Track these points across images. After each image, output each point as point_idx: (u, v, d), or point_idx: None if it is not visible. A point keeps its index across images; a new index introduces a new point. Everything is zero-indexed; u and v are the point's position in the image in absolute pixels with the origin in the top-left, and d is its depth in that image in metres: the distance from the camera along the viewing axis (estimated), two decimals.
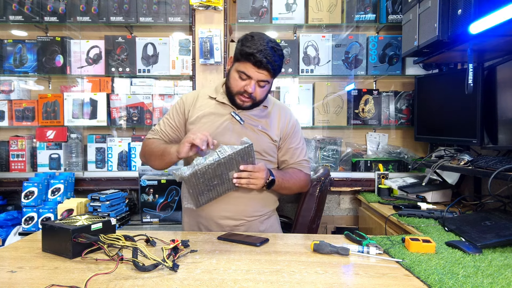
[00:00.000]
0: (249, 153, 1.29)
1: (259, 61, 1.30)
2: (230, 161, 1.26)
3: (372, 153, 2.68)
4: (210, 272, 0.96)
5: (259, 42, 1.31)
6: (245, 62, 1.33)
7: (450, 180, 2.18)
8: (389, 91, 2.62)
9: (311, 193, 1.71)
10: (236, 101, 1.41)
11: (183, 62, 2.59)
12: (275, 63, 1.33)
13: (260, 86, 1.38)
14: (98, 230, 1.10)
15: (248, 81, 1.36)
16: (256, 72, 1.33)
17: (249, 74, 1.34)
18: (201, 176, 1.23)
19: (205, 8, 2.40)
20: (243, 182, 1.30)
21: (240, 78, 1.37)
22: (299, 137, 1.57)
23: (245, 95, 1.38)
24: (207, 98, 1.50)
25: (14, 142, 2.58)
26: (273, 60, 1.31)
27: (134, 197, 2.58)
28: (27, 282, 0.89)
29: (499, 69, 1.75)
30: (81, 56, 2.62)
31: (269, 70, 1.33)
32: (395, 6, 2.52)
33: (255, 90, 1.37)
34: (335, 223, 2.70)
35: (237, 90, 1.38)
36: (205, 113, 1.46)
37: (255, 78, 1.34)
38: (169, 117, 1.54)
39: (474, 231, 1.30)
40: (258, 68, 1.32)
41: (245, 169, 1.29)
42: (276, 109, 1.54)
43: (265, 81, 1.36)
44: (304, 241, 1.25)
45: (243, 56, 1.33)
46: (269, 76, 1.35)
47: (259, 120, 1.47)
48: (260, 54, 1.29)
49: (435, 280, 0.91)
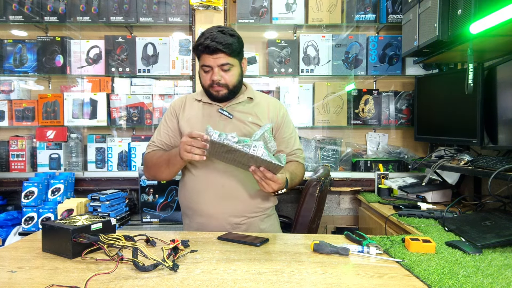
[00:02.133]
0: (266, 138, 1.24)
1: (207, 46, 1.32)
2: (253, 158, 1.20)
3: (372, 153, 2.68)
4: (210, 272, 0.96)
5: (206, 32, 1.37)
6: (201, 55, 1.37)
7: (450, 180, 2.18)
8: (389, 91, 2.62)
9: (311, 193, 1.71)
10: (212, 94, 1.43)
11: (183, 62, 2.59)
12: (226, 42, 1.33)
13: (224, 70, 1.38)
14: (98, 230, 1.10)
15: (211, 70, 1.38)
16: (212, 59, 1.35)
17: (208, 63, 1.36)
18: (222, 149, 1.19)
19: (205, 8, 2.40)
20: (257, 178, 1.27)
21: (204, 72, 1.40)
22: (291, 126, 1.58)
23: (214, 86, 1.39)
24: (193, 101, 1.52)
25: (14, 142, 2.58)
26: (223, 40, 1.33)
27: (134, 197, 2.58)
28: (27, 282, 0.89)
29: (499, 69, 1.75)
30: (81, 56, 2.62)
31: (222, 51, 1.33)
32: (395, 6, 2.52)
33: (222, 76, 1.38)
34: (335, 223, 2.70)
35: (207, 83, 1.41)
36: (193, 115, 1.48)
37: (214, 64, 1.36)
38: (163, 125, 1.54)
39: (474, 231, 1.30)
40: (211, 54, 1.34)
41: (264, 173, 1.23)
42: (264, 100, 1.55)
43: (225, 64, 1.36)
44: (304, 241, 1.25)
45: (197, 50, 1.37)
46: (226, 56, 1.35)
47: (248, 113, 1.48)
48: (206, 40, 1.33)
49: (435, 280, 0.91)
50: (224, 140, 1.15)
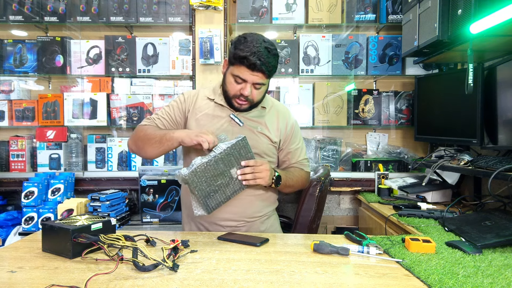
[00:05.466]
0: (245, 147, 1.27)
1: (253, 64, 1.28)
2: (228, 156, 1.24)
3: (372, 153, 2.68)
4: (210, 272, 0.96)
5: (252, 44, 1.29)
6: (239, 66, 1.31)
7: (450, 180, 2.18)
8: (389, 91, 2.62)
9: (311, 193, 1.71)
10: (233, 104, 1.40)
11: (183, 62, 2.59)
12: (270, 64, 1.31)
13: (256, 88, 1.36)
14: (98, 230, 1.10)
15: (244, 85, 1.34)
16: (250, 75, 1.31)
17: (244, 77, 1.32)
18: (202, 175, 1.22)
19: (205, 8, 2.40)
20: (249, 178, 1.28)
21: (235, 81, 1.35)
22: (299, 137, 1.58)
23: (241, 98, 1.37)
24: (205, 99, 1.49)
25: (14, 142, 2.58)
26: (267, 61, 1.29)
27: (134, 197, 2.58)
28: (27, 282, 0.89)
29: (499, 69, 1.75)
30: (81, 56, 2.62)
31: (263, 72, 1.31)
32: (395, 6, 2.52)
33: (251, 93, 1.35)
34: (335, 223, 2.70)
35: (234, 93, 1.38)
36: (204, 114, 1.46)
37: (250, 81, 1.33)
38: (169, 109, 1.50)
39: (474, 231, 1.30)
40: (252, 71, 1.30)
41: (247, 164, 1.28)
42: (274, 110, 1.53)
43: (260, 84, 1.35)
44: (304, 241, 1.25)
45: (237, 60, 1.31)
46: (264, 77, 1.33)
47: (258, 122, 1.47)
48: (253, 56, 1.27)
49: (435, 280, 0.91)
50: (193, 166, 1.20)
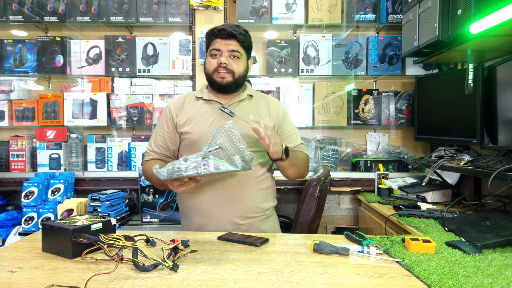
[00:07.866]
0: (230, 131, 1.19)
1: (222, 30, 1.39)
2: (217, 154, 1.19)
3: (372, 153, 2.68)
4: (210, 272, 0.96)
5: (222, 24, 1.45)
6: (213, 40, 1.42)
7: (450, 180, 2.18)
8: (389, 91, 2.62)
9: (311, 193, 1.71)
10: (216, 81, 1.44)
11: (183, 62, 2.59)
12: (241, 31, 1.41)
13: (232, 58, 1.42)
14: (98, 230, 1.10)
15: (220, 54, 1.41)
16: (224, 45, 1.40)
17: (218, 47, 1.41)
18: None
19: (205, 8, 2.40)
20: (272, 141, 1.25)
21: (212, 56, 1.43)
22: (291, 123, 1.61)
23: (221, 70, 1.41)
24: (193, 99, 1.52)
25: (14, 142, 2.58)
26: (238, 30, 1.41)
27: (134, 197, 2.58)
28: (27, 282, 0.89)
29: (499, 69, 1.75)
30: (81, 56, 2.62)
31: (236, 38, 1.40)
32: (395, 6, 2.52)
33: (229, 62, 1.41)
34: (335, 223, 2.70)
35: (213, 68, 1.43)
36: (194, 113, 1.48)
37: (224, 49, 1.40)
38: (158, 129, 1.54)
39: (474, 231, 1.30)
40: (225, 39, 1.40)
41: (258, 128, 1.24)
42: (264, 98, 1.57)
43: (236, 51, 1.41)
44: (304, 241, 1.25)
45: (209, 36, 1.44)
46: (238, 45, 1.41)
47: (249, 111, 1.49)
48: (222, 26, 1.41)
49: (435, 280, 0.91)
50: (174, 174, 1.10)
